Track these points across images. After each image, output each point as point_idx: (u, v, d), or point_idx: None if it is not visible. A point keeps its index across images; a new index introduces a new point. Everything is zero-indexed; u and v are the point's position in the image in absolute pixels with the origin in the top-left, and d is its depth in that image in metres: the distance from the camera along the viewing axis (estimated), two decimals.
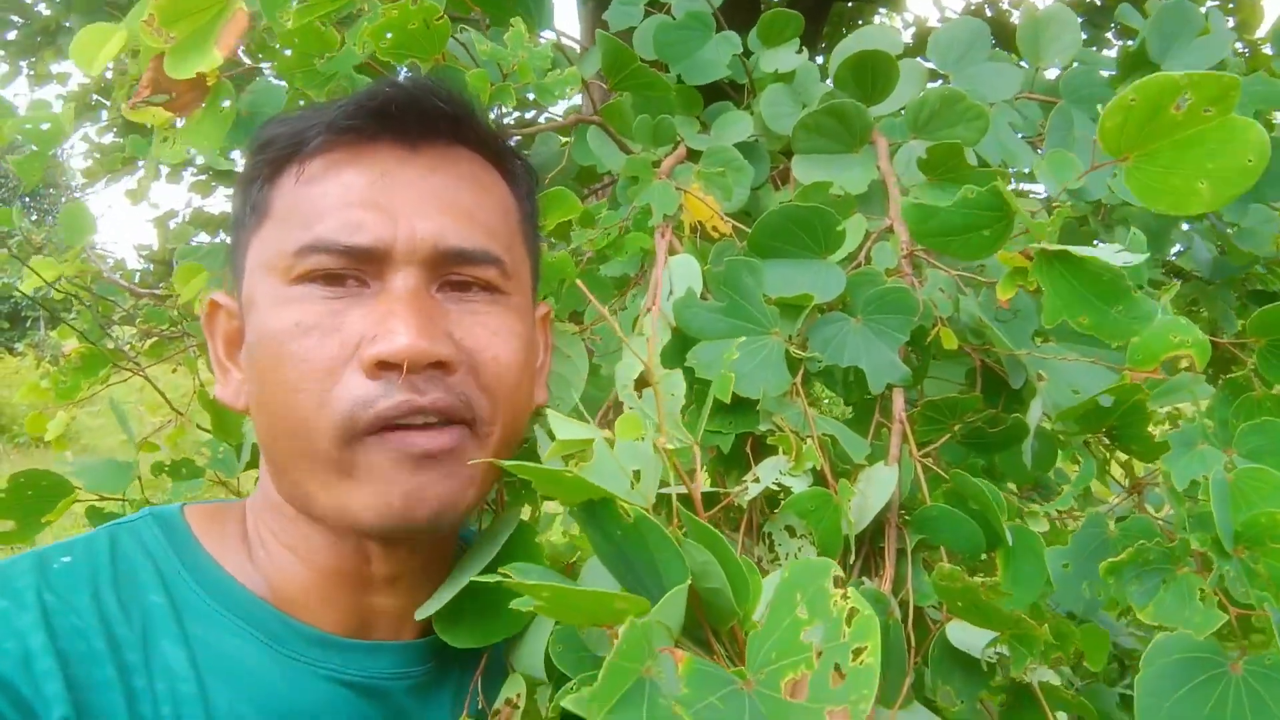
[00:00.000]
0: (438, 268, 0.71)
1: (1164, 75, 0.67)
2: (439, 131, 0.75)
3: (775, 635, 0.52)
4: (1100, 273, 0.72)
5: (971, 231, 0.78)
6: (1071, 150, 1.30)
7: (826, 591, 0.50)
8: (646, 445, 0.59)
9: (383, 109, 0.72)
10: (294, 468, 0.70)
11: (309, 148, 0.72)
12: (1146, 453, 0.91)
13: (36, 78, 2.14)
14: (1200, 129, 0.69)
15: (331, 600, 0.74)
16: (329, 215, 0.69)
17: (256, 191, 0.75)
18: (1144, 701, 0.71)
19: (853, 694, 0.47)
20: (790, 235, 1.01)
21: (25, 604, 0.65)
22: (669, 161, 1.21)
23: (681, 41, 1.40)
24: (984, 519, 0.83)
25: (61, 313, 1.60)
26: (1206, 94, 0.66)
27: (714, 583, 0.57)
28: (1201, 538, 0.74)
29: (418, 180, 0.72)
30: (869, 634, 0.48)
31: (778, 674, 0.50)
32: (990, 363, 1.10)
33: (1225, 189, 0.70)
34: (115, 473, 1.16)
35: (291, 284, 0.69)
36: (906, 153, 1.20)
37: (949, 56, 1.36)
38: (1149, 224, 1.43)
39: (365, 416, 0.66)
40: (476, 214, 0.74)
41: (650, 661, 0.49)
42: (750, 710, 0.49)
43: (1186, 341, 0.88)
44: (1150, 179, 0.70)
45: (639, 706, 0.48)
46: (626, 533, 0.58)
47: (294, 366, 0.67)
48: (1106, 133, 0.70)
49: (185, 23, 0.88)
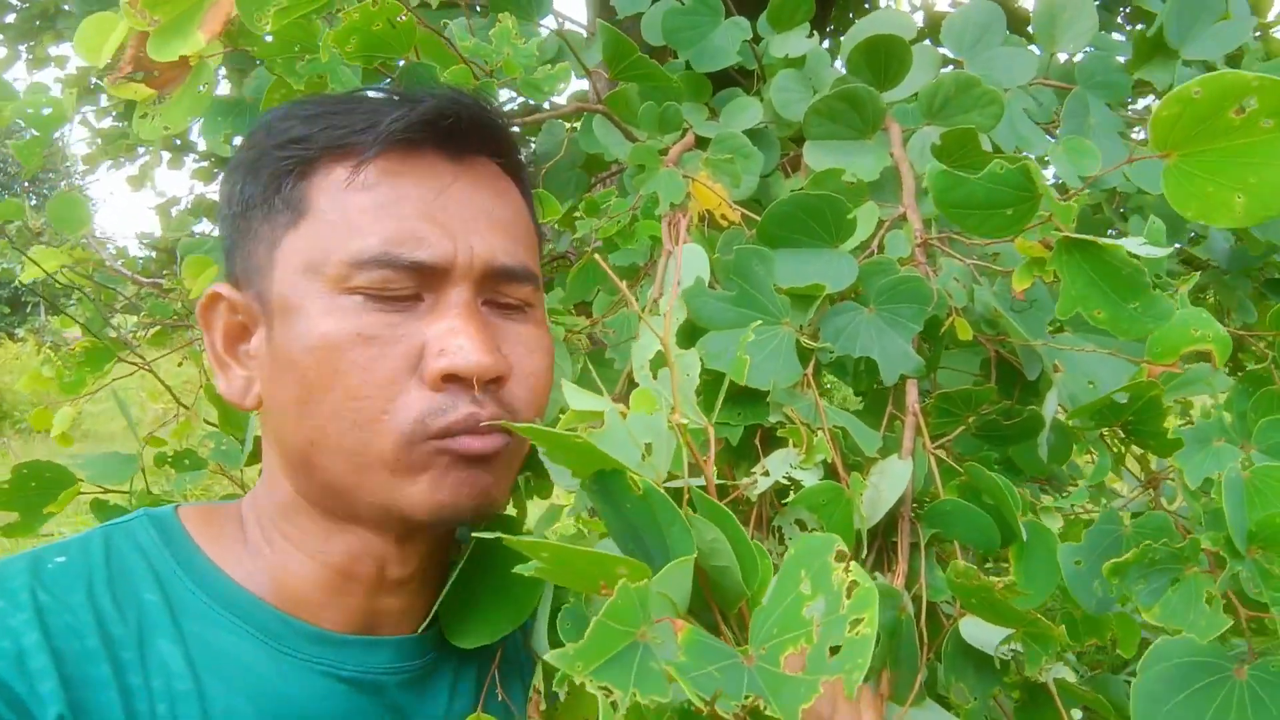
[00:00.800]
0: (487, 284, 0.74)
1: (1235, 73, 0.64)
2: (484, 146, 0.77)
3: (779, 611, 0.52)
4: (1120, 266, 0.70)
5: (995, 208, 0.76)
6: (1087, 137, 1.28)
7: (829, 566, 0.50)
8: (660, 420, 0.58)
9: (437, 121, 0.73)
10: (337, 468, 0.70)
11: (367, 154, 0.71)
12: (1163, 448, 0.89)
13: (35, 61, 2.13)
14: (1253, 140, 0.66)
15: (340, 600, 0.74)
16: (387, 224, 0.70)
17: (289, 187, 0.73)
18: (1141, 706, 0.69)
19: (848, 663, 0.47)
20: (800, 224, 0.99)
21: (19, 603, 0.65)
22: (676, 149, 1.20)
23: (690, 27, 1.38)
24: (998, 513, 0.81)
25: (62, 299, 1.60)
26: (1273, 103, 0.64)
27: (722, 561, 0.57)
28: (1214, 537, 0.73)
29: (469, 197, 0.74)
30: (867, 605, 0.48)
31: (779, 648, 0.50)
32: (1005, 354, 1.08)
33: (1261, 207, 0.67)
34: (118, 465, 1.15)
35: (345, 293, 0.69)
36: (920, 139, 1.18)
37: (963, 41, 1.34)
38: (1165, 213, 1.41)
39: (434, 426, 0.68)
40: (516, 231, 0.77)
41: (646, 626, 0.49)
42: (749, 682, 0.49)
43: (1207, 336, 0.87)
44: (1187, 181, 0.68)
45: (628, 668, 0.48)
46: (636, 505, 0.59)
47: (354, 374, 0.68)
48: (1159, 122, 0.67)
49: (169, 5, 0.87)
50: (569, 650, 0.46)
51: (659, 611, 0.50)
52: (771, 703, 0.47)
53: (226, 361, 0.76)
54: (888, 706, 0.73)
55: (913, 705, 0.73)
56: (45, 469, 1.05)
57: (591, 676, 0.46)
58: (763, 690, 0.48)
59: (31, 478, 1.04)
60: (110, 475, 1.14)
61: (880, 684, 0.74)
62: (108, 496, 1.14)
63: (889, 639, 0.74)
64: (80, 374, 1.31)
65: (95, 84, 1.68)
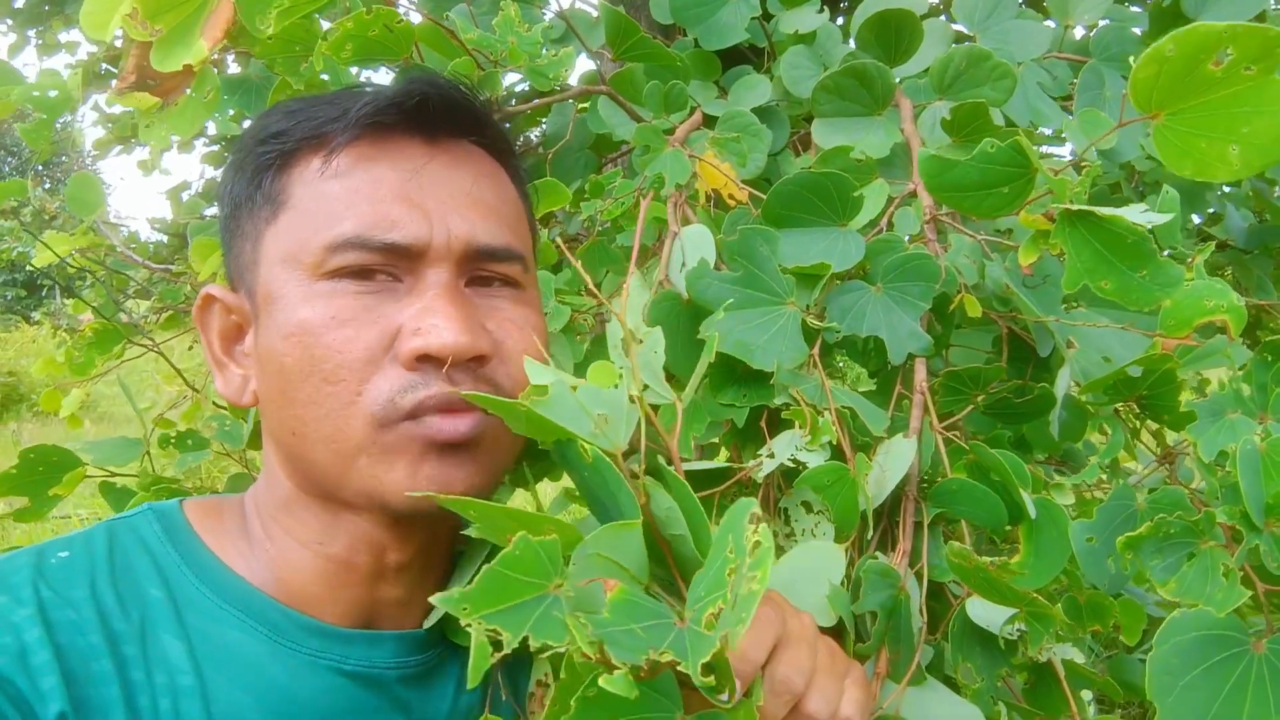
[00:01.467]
0: (468, 264, 0.72)
1: (1205, 25, 0.62)
2: (458, 128, 0.76)
3: (710, 574, 0.53)
4: (1124, 234, 0.68)
5: (990, 188, 0.75)
6: (1103, 110, 1.26)
7: (744, 528, 0.50)
8: (619, 394, 0.58)
9: (419, 106, 0.72)
10: (321, 457, 0.70)
11: (337, 141, 0.72)
12: (1178, 422, 0.87)
13: (45, 47, 2.14)
14: (1237, 89, 0.64)
15: (340, 592, 0.74)
16: (361, 208, 0.70)
17: (270, 182, 0.74)
18: (1156, 680, 0.68)
19: (735, 618, 0.47)
20: (806, 203, 0.98)
21: (22, 599, 0.65)
22: (683, 128, 1.18)
23: (698, 4, 1.37)
24: (1006, 491, 0.80)
25: (76, 283, 1.61)
26: (1250, 50, 0.62)
27: (678, 530, 0.57)
28: (1229, 510, 0.71)
29: (446, 177, 0.73)
30: (761, 564, 0.48)
31: (704, 609, 0.50)
32: (1018, 330, 1.07)
33: (1257, 156, 0.66)
34: (124, 448, 1.16)
35: (321, 279, 0.69)
36: (931, 114, 1.16)
37: (975, 15, 1.32)
38: (1181, 185, 1.38)
39: (404, 403, 0.67)
40: (499, 210, 0.75)
41: (561, 580, 0.50)
42: (673, 640, 0.49)
43: (1221, 306, 0.85)
44: (1178, 139, 0.66)
45: (526, 615, 0.48)
46: (590, 473, 0.59)
47: (329, 358, 0.68)
48: (1138, 84, 0.66)
49: (169, 15, 0.87)
50: (454, 593, 0.46)
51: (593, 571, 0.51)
52: (687, 659, 0.47)
53: (224, 361, 0.77)
54: (885, 684, 0.72)
55: (912, 684, 0.72)
56: (51, 453, 1.06)
57: (481, 619, 0.46)
58: (684, 649, 0.48)
59: (38, 462, 1.05)
60: (115, 458, 1.15)
61: (878, 663, 0.73)
62: (115, 480, 1.15)
63: (886, 618, 0.73)
64: (89, 355, 1.32)
65: (105, 69, 1.69)
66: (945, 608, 0.83)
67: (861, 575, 0.76)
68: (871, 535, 0.84)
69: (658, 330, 0.69)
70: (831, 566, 0.75)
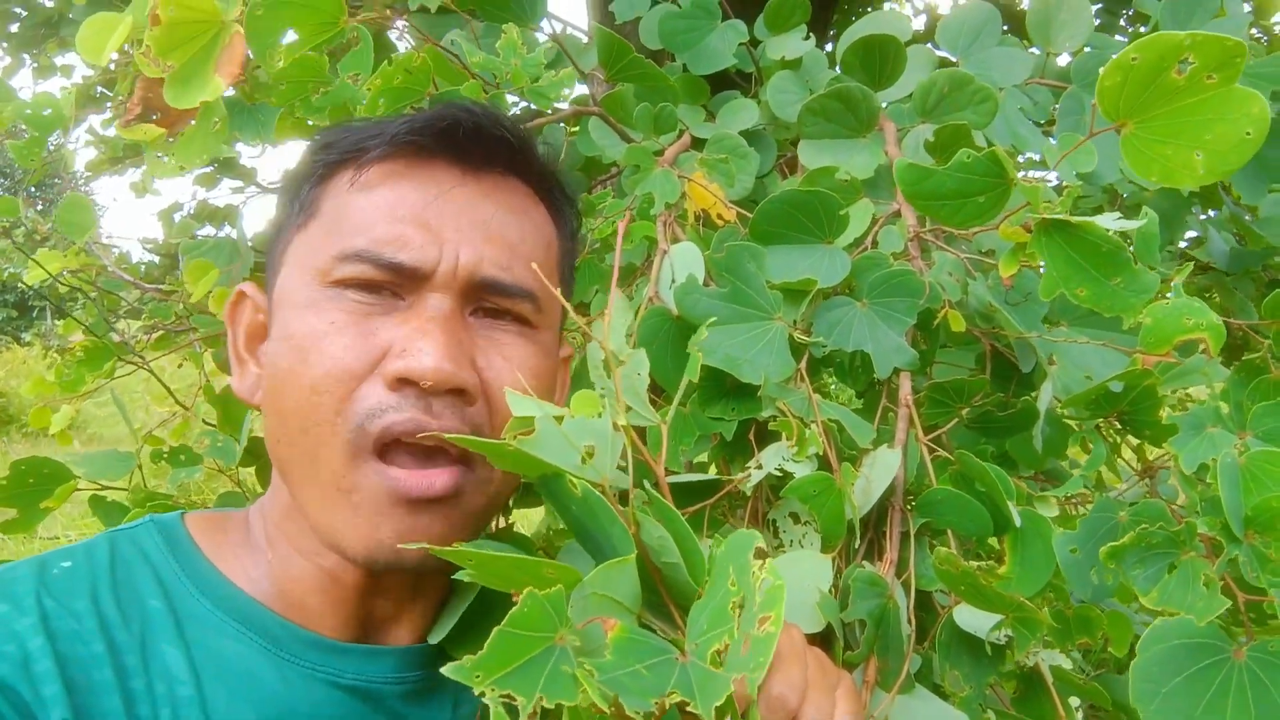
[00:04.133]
0: (473, 295, 0.72)
1: (1168, 34, 0.65)
2: (497, 159, 0.76)
3: (710, 606, 0.52)
4: (1099, 243, 0.70)
5: (966, 197, 0.76)
6: (1082, 135, 1.28)
7: (749, 563, 0.50)
8: (604, 422, 0.58)
9: (449, 130, 0.73)
10: (297, 471, 0.70)
11: (368, 156, 0.73)
12: (1158, 437, 0.89)
13: (40, 70, 2.15)
14: (1201, 97, 0.66)
15: (337, 604, 0.74)
16: (377, 225, 0.70)
17: (307, 191, 0.75)
18: (1139, 687, 0.69)
19: (751, 662, 0.47)
20: (792, 221, 0.99)
21: (24, 608, 0.65)
22: (672, 150, 1.20)
23: (687, 30, 1.40)
24: (991, 502, 0.81)
25: (67, 303, 1.61)
26: (1210, 58, 0.64)
27: (671, 558, 0.57)
28: (1210, 522, 0.72)
29: (469, 205, 0.73)
30: (774, 603, 0.48)
31: (708, 644, 0.50)
32: (1000, 347, 1.08)
33: (1220, 163, 0.68)
34: (115, 462, 1.16)
35: (327, 286, 0.70)
36: (915, 137, 1.19)
37: (959, 41, 1.35)
38: (1162, 208, 1.41)
39: (372, 429, 0.67)
40: (519, 247, 0.75)
41: (565, 630, 0.49)
42: (678, 678, 0.49)
43: (1201, 324, 0.86)
44: (1145, 147, 0.68)
45: (536, 675, 0.47)
46: (579, 507, 0.59)
47: (319, 366, 0.68)
48: (1105, 93, 0.67)
49: (181, 50, 0.88)
50: (465, 663, 0.45)
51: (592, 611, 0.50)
52: (696, 699, 0.47)
53: (244, 358, 0.78)
54: (875, 693, 0.73)
55: (901, 692, 0.72)
56: (43, 465, 1.06)
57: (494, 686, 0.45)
58: (690, 687, 0.48)
59: (30, 474, 1.05)
60: (107, 472, 1.15)
61: (866, 671, 0.73)
62: (106, 494, 1.15)
63: (875, 627, 0.74)
64: (79, 372, 1.32)
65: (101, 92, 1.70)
66: (933, 617, 0.83)
67: (850, 584, 0.77)
68: (858, 545, 0.84)
69: (640, 352, 0.70)
70: (819, 575, 0.76)
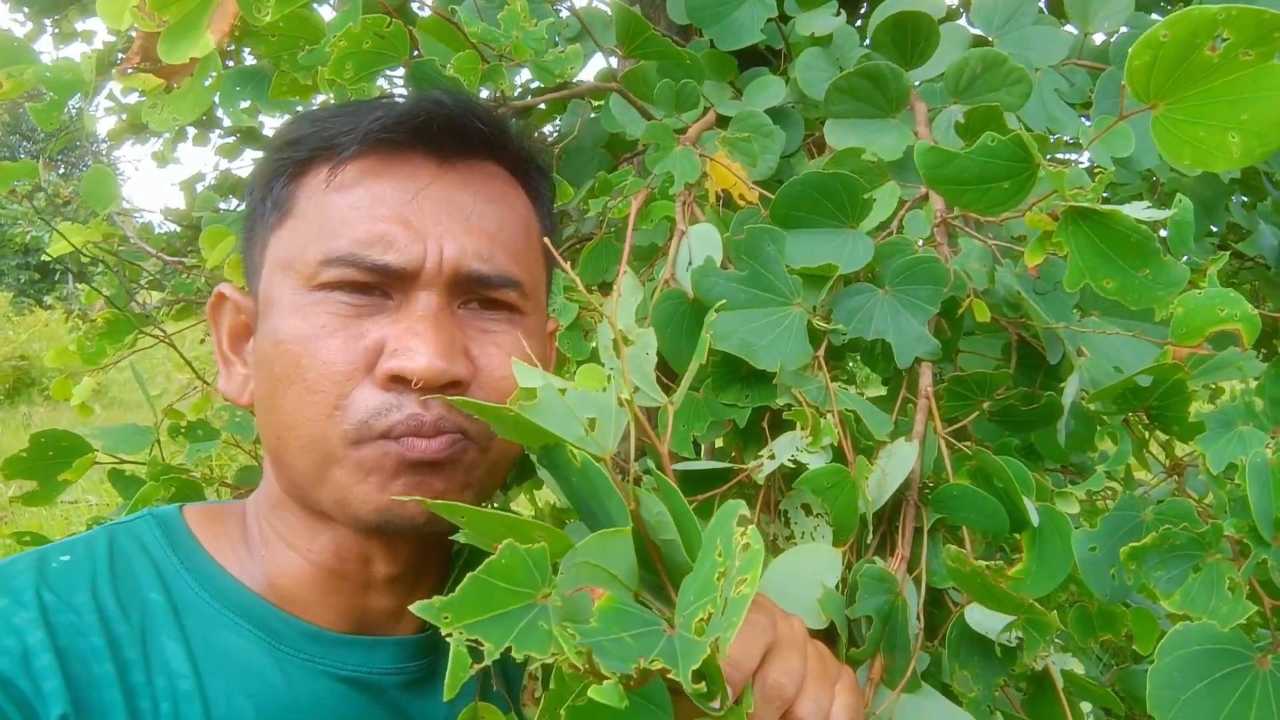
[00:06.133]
0: (460, 288, 0.73)
1: (1199, 8, 0.61)
2: (472, 148, 0.76)
3: (699, 578, 0.52)
4: (1127, 233, 0.67)
5: (989, 182, 0.73)
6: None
7: (733, 531, 0.49)
8: (608, 396, 0.58)
9: (424, 125, 0.73)
10: (300, 463, 0.71)
11: (343, 155, 0.72)
12: (1186, 433, 0.86)
13: (61, 36, 2.16)
14: (1236, 75, 0.62)
15: (331, 598, 0.74)
16: (359, 227, 0.70)
17: (279, 189, 0.75)
18: (1157, 694, 0.67)
19: (725, 623, 0.46)
20: (815, 204, 0.97)
21: (24, 602, 0.66)
22: (696, 128, 1.18)
23: (715, 5, 1.36)
24: (1009, 499, 0.79)
25: (89, 268, 1.63)
26: (1246, 33, 0.60)
27: (669, 535, 0.57)
28: (1237, 523, 0.70)
29: (448, 198, 0.73)
30: (751, 566, 0.47)
31: (694, 614, 0.49)
32: (1027, 337, 1.05)
33: (1258, 144, 0.64)
34: (134, 436, 1.17)
35: (314, 289, 0.70)
36: (946, 118, 1.15)
37: (994, 20, 1.30)
38: (1201, 195, 1.36)
39: (378, 426, 0.68)
40: (500, 235, 0.75)
41: (549, 590, 0.49)
42: (663, 648, 0.48)
43: (1234, 315, 0.83)
44: (1177, 129, 0.64)
45: (510, 625, 0.47)
46: (579, 478, 0.59)
47: (314, 368, 0.69)
48: (1134, 72, 0.64)
49: (175, 7, 0.88)
50: (435, 602, 0.45)
51: (583, 579, 0.50)
52: (678, 666, 0.46)
53: (230, 359, 0.79)
54: (879, 691, 0.71)
55: (907, 691, 0.71)
56: (62, 438, 1.07)
57: (462, 629, 0.45)
58: (674, 655, 0.47)
59: (49, 446, 1.06)
60: (125, 445, 1.16)
61: (871, 669, 0.72)
62: (124, 467, 1.16)
63: (882, 624, 0.73)
64: (100, 345, 1.34)
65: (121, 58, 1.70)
66: (945, 614, 0.82)
67: (857, 579, 0.75)
68: (871, 539, 0.83)
69: (649, 331, 0.69)
70: (826, 569, 0.75)
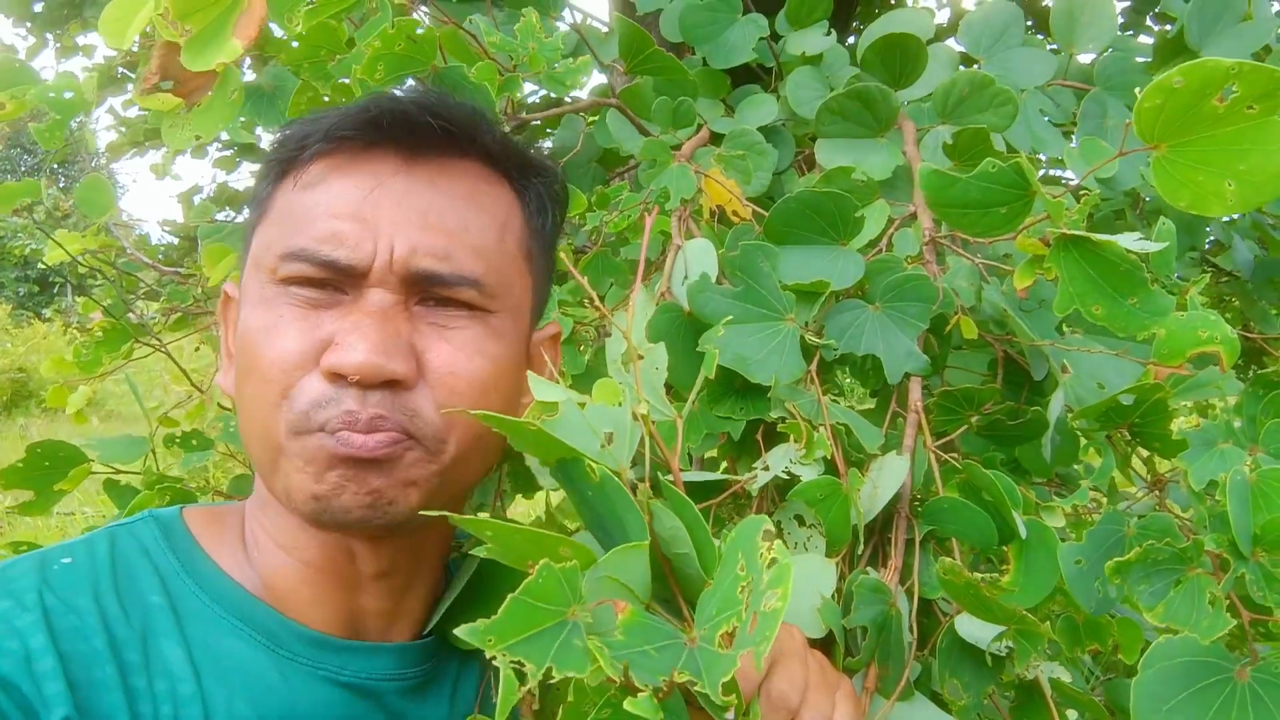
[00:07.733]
0: (415, 286, 0.72)
1: (1213, 61, 0.64)
2: (439, 145, 0.75)
3: (720, 592, 0.53)
4: (1117, 262, 0.69)
5: (989, 207, 0.76)
6: (1104, 139, 1.27)
7: (757, 545, 0.50)
8: (624, 411, 0.59)
9: (384, 121, 0.73)
10: (256, 453, 0.72)
11: (307, 153, 0.73)
12: (1168, 450, 0.88)
13: (63, 50, 2.16)
14: (1239, 126, 0.65)
15: (321, 597, 0.74)
16: (317, 223, 0.71)
17: (264, 189, 0.77)
18: (1140, 705, 0.69)
19: (759, 636, 0.47)
20: (807, 221, 0.99)
21: (26, 605, 0.66)
22: (690, 144, 1.20)
23: (708, 23, 1.39)
24: (997, 511, 0.81)
25: (87, 280, 1.63)
26: (1254, 89, 0.63)
27: (683, 549, 0.57)
28: (1217, 539, 0.72)
29: (407, 195, 0.72)
30: (781, 580, 0.48)
31: (716, 627, 0.50)
32: (1013, 354, 1.08)
33: (1253, 193, 0.67)
34: (129, 446, 1.17)
35: (276, 283, 0.71)
36: (933, 138, 1.18)
37: (981, 41, 1.33)
38: (1183, 215, 1.39)
39: (316, 418, 0.68)
40: (462, 234, 0.73)
41: (578, 606, 0.49)
42: (686, 660, 0.49)
43: (1215, 337, 0.86)
44: (1177, 172, 0.67)
45: (548, 645, 0.48)
46: (596, 492, 0.59)
47: (266, 357, 0.70)
48: (1143, 114, 0.67)
49: (200, 15, 0.88)
50: (479, 625, 0.46)
51: (604, 593, 0.51)
52: (703, 679, 0.47)
53: (231, 354, 0.79)
54: (874, 700, 0.73)
55: (900, 700, 0.73)
56: (58, 448, 1.08)
57: (505, 651, 0.46)
58: (697, 668, 0.48)
59: (45, 456, 1.07)
60: (121, 455, 1.16)
61: (866, 678, 0.74)
62: (120, 477, 1.16)
63: (877, 634, 0.74)
64: (97, 354, 1.34)
65: (122, 73, 1.71)
66: (935, 624, 0.84)
67: (853, 590, 0.77)
68: (863, 551, 0.84)
69: (660, 346, 0.70)
70: (822, 580, 0.76)
